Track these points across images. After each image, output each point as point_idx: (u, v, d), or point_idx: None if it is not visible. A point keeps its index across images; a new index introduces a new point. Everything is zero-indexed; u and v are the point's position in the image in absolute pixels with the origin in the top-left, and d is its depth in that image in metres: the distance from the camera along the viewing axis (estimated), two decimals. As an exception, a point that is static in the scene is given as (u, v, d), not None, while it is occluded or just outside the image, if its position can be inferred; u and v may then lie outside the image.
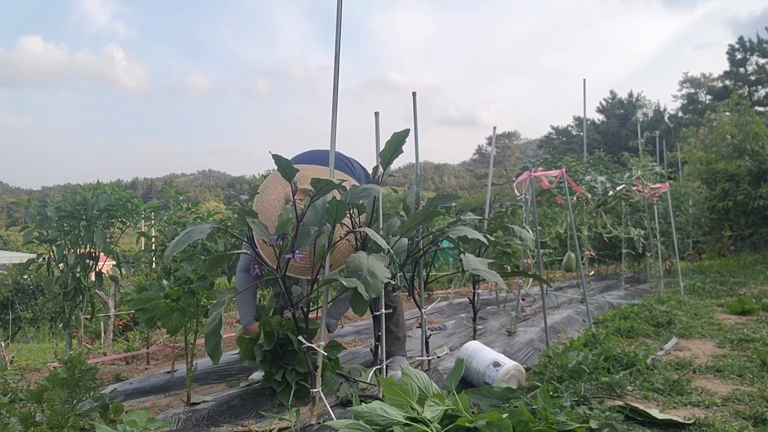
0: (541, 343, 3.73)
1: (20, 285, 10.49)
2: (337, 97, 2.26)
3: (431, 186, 63.27)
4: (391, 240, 2.48)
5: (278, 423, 2.10)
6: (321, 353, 2.11)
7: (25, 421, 1.88)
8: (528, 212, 4.39)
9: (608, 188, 6.21)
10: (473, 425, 1.73)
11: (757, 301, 5.62)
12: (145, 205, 3.38)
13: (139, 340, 4.33)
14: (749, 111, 12.43)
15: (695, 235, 11.14)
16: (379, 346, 2.45)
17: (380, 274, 2.02)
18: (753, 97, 31.02)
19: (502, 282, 2.54)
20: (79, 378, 1.87)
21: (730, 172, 11.92)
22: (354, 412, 1.75)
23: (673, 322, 4.46)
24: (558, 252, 7.35)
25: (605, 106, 39.43)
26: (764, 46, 31.19)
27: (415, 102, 2.89)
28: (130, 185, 72.95)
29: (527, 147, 58.26)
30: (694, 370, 3.01)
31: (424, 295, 3.05)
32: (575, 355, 2.91)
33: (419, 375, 2.00)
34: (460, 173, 79.32)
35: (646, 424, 2.12)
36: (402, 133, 2.40)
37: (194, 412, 2.24)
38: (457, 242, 2.97)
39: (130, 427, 1.70)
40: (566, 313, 5.10)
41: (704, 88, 38.37)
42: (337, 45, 2.24)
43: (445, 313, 5.66)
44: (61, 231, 3.04)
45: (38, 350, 5.25)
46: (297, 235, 2.06)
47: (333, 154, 2.32)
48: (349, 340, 4.30)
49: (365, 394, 2.46)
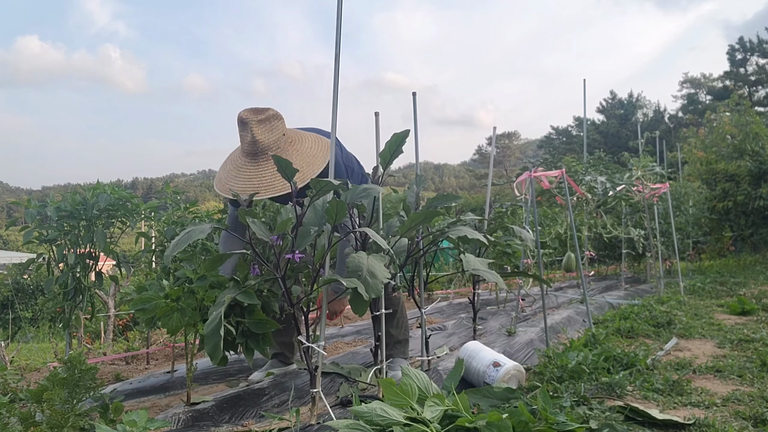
0: (541, 343, 3.73)
1: (20, 285, 10.49)
2: (337, 97, 2.26)
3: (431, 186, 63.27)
4: (391, 240, 2.48)
5: (278, 423, 2.10)
6: (321, 353, 2.11)
7: (25, 420, 1.88)
8: (528, 212, 4.39)
9: (608, 188, 6.21)
10: (473, 425, 1.73)
11: (757, 301, 5.62)
12: (145, 205, 3.38)
13: (139, 340, 4.33)
14: (749, 111, 12.43)
15: (695, 235, 11.14)
16: (379, 346, 2.45)
17: (380, 275, 2.02)
18: (753, 98, 31.02)
19: (502, 282, 2.54)
20: (79, 378, 1.87)
21: (730, 173, 11.93)
22: (354, 412, 1.75)
23: (673, 323, 4.46)
24: (558, 252, 7.34)
25: (605, 107, 39.43)
26: (764, 47, 31.20)
27: (415, 102, 2.89)
28: (130, 185, 72.98)
29: (527, 147, 58.27)
30: (694, 371, 3.01)
31: (424, 295, 3.05)
32: (575, 356, 2.92)
33: (419, 375, 2.00)
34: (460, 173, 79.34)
35: (646, 425, 2.12)
36: (402, 134, 2.40)
37: (194, 412, 2.24)
38: (457, 242, 2.97)
39: (129, 427, 1.69)
40: (566, 313, 5.09)
41: (704, 88, 38.37)
42: (337, 46, 2.24)
43: (445, 313, 5.66)
44: (61, 231, 3.04)
45: (38, 350, 5.25)
46: (297, 235, 2.06)
47: (333, 154, 2.32)
48: (349, 340, 4.30)
49: (365, 395, 2.46)
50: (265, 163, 2.40)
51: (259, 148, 2.40)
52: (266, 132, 2.42)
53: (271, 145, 2.41)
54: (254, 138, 2.39)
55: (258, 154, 2.41)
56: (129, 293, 2.36)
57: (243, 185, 2.37)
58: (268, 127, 2.42)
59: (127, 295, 2.39)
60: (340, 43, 2.24)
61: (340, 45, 2.24)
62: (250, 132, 2.39)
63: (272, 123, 2.44)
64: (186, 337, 2.60)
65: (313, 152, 2.48)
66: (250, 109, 2.45)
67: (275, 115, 2.46)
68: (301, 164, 2.37)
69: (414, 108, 2.89)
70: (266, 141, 2.40)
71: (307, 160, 2.43)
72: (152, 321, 2.25)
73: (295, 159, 2.37)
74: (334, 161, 2.30)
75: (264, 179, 2.37)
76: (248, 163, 2.42)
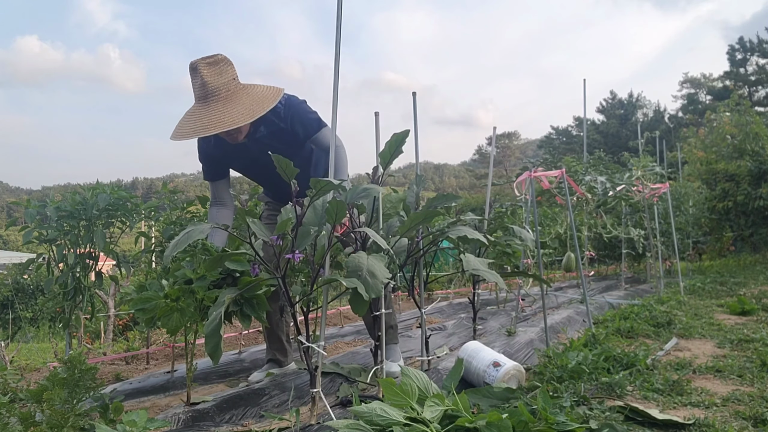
0: (541, 343, 3.73)
1: (20, 285, 10.49)
2: (337, 97, 2.25)
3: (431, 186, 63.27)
4: (391, 240, 2.47)
5: (278, 423, 2.10)
6: (321, 353, 2.11)
7: (24, 420, 1.88)
8: (528, 212, 4.39)
9: (608, 188, 6.20)
10: (473, 425, 1.73)
11: (757, 301, 5.62)
12: (145, 205, 3.38)
13: (139, 340, 4.33)
14: (749, 111, 12.44)
15: (695, 235, 11.14)
16: (379, 346, 2.45)
17: (380, 274, 2.02)
18: (753, 98, 31.05)
19: (502, 282, 2.54)
20: (79, 378, 1.87)
21: (730, 173, 11.93)
22: (354, 412, 1.75)
23: (673, 323, 4.46)
24: (558, 252, 7.34)
25: (605, 107, 39.45)
26: (764, 47, 31.21)
27: (415, 102, 2.89)
28: (130, 185, 72.99)
29: (527, 147, 58.31)
30: (694, 371, 3.01)
31: (424, 295, 3.04)
32: (575, 356, 2.91)
33: (419, 375, 2.00)
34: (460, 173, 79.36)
35: (646, 425, 2.12)
36: (402, 134, 2.40)
37: (194, 412, 2.24)
38: (457, 242, 2.97)
39: (129, 427, 1.69)
40: (566, 313, 5.09)
41: (704, 88, 38.39)
42: (337, 45, 2.24)
43: (445, 313, 5.66)
44: (60, 231, 3.03)
45: (38, 350, 5.25)
46: (297, 236, 2.06)
47: (333, 155, 2.32)
48: (349, 340, 4.30)
49: (365, 394, 2.46)
50: (215, 104, 2.39)
51: (208, 90, 2.39)
52: (215, 75, 2.40)
53: (221, 87, 2.40)
54: (203, 80, 2.37)
55: (208, 96, 2.39)
56: (129, 293, 2.35)
57: (192, 125, 2.37)
58: (216, 70, 2.41)
59: (127, 295, 2.39)
60: (340, 42, 2.24)
61: (340, 45, 2.24)
62: (200, 76, 2.38)
63: (221, 66, 2.42)
64: (186, 337, 2.60)
65: (264, 95, 2.48)
66: (201, 57, 2.45)
67: (224, 59, 2.45)
68: (251, 103, 2.41)
69: (414, 108, 2.89)
70: (215, 83, 2.39)
71: (257, 100, 2.45)
72: (152, 321, 2.25)
73: (245, 99, 2.42)
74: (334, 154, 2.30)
75: (213, 117, 2.37)
76: (199, 107, 2.42)
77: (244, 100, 2.42)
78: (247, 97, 2.44)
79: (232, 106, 2.39)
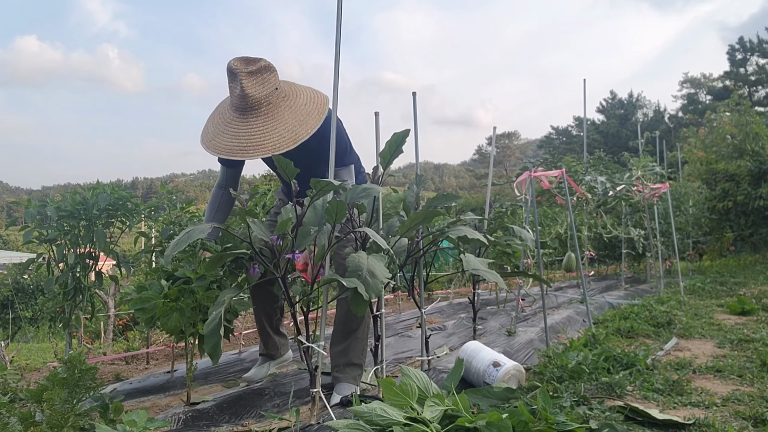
0: (541, 343, 3.73)
1: (20, 285, 10.50)
2: (337, 97, 2.25)
3: (431, 186, 63.28)
4: (391, 240, 2.47)
5: (278, 423, 2.10)
6: (321, 353, 2.10)
7: (24, 420, 1.88)
8: (528, 212, 4.39)
9: (608, 188, 6.20)
10: (473, 425, 1.73)
11: (757, 301, 5.62)
12: (145, 205, 3.38)
13: (138, 340, 4.33)
14: (749, 111, 12.44)
15: (695, 235, 11.14)
16: (379, 346, 2.45)
17: (380, 274, 2.02)
18: (753, 97, 31.04)
19: (502, 282, 2.54)
20: (79, 378, 1.87)
21: (730, 173, 11.93)
22: (354, 412, 1.75)
23: (673, 323, 4.46)
24: (558, 252, 7.34)
25: (605, 107, 39.43)
26: (764, 47, 31.21)
27: (415, 102, 2.89)
28: (130, 185, 73.01)
29: (527, 147, 58.32)
30: (694, 371, 3.01)
31: (424, 295, 3.04)
32: (575, 356, 2.91)
33: (419, 375, 2.00)
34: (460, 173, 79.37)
35: (646, 425, 2.12)
36: (402, 134, 2.40)
37: (194, 412, 2.24)
38: (457, 242, 2.97)
39: (129, 427, 1.69)
40: (566, 313, 5.09)
41: (704, 88, 38.35)
42: (337, 45, 2.24)
43: (445, 313, 5.66)
44: (60, 231, 3.03)
45: (38, 350, 5.25)
46: (297, 235, 2.06)
47: (333, 155, 2.32)
48: (349, 340, 4.29)
49: (365, 394, 2.46)
50: (254, 120, 2.24)
51: (248, 103, 2.23)
52: (257, 85, 2.23)
53: (262, 100, 2.24)
54: (244, 92, 2.21)
55: (247, 110, 2.24)
56: (129, 293, 2.35)
57: (229, 142, 2.22)
58: (259, 80, 2.24)
59: (127, 295, 2.39)
60: (340, 42, 2.23)
61: (340, 45, 2.23)
62: (240, 85, 2.21)
63: (264, 75, 2.26)
64: (186, 338, 2.60)
65: (307, 110, 2.31)
66: (241, 58, 2.26)
67: (267, 66, 2.27)
68: (293, 123, 2.24)
69: (414, 108, 2.89)
70: (257, 95, 2.23)
71: (300, 118, 2.27)
72: (152, 321, 2.25)
73: (287, 117, 2.25)
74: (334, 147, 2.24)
75: (253, 137, 2.21)
76: (237, 119, 2.26)
77: (287, 118, 2.24)
78: (290, 114, 2.26)
79: (273, 125, 2.23)
